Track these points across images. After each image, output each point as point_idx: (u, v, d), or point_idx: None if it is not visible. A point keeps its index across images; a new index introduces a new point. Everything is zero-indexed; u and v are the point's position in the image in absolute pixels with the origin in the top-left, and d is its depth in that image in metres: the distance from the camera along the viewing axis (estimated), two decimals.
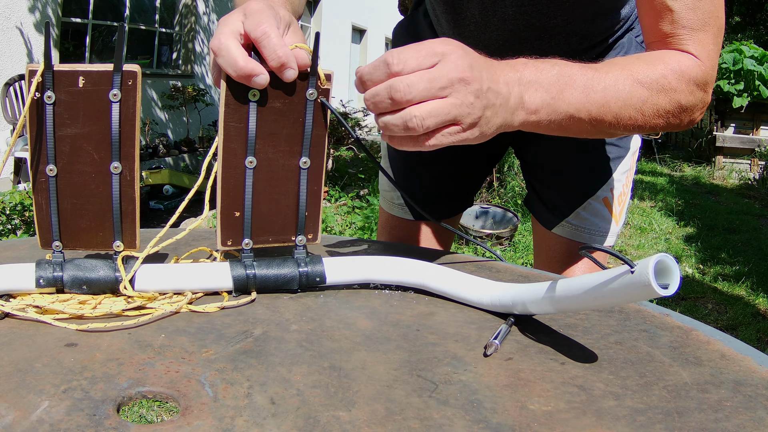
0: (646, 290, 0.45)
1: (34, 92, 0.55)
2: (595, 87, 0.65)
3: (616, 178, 1.05)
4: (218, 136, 0.61)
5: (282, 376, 0.47)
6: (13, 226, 3.67)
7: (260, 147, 0.61)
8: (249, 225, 0.64)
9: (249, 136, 0.61)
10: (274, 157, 0.63)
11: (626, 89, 0.67)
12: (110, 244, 0.61)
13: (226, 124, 0.60)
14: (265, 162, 0.62)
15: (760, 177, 7.09)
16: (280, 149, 0.62)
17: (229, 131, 0.60)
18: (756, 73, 7.38)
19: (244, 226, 0.63)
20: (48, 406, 0.41)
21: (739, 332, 2.89)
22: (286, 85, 0.60)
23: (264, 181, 0.63)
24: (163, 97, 7.30)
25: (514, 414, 0.43)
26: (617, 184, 1.06)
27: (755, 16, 14.81)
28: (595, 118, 0.66)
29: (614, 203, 1.07)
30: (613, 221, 1.07)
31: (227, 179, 0.62)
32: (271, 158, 0.62)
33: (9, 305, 0.56)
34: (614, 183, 1.06)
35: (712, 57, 0.71)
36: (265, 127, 0.61)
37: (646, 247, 4.36)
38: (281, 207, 0.65)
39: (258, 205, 0.63)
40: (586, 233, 1.06)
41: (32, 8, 5.61)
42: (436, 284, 0.65)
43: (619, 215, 1.08)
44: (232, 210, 0.63)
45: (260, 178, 0.63)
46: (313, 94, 0.61)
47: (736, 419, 0.43)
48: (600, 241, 1.06)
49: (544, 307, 0.56)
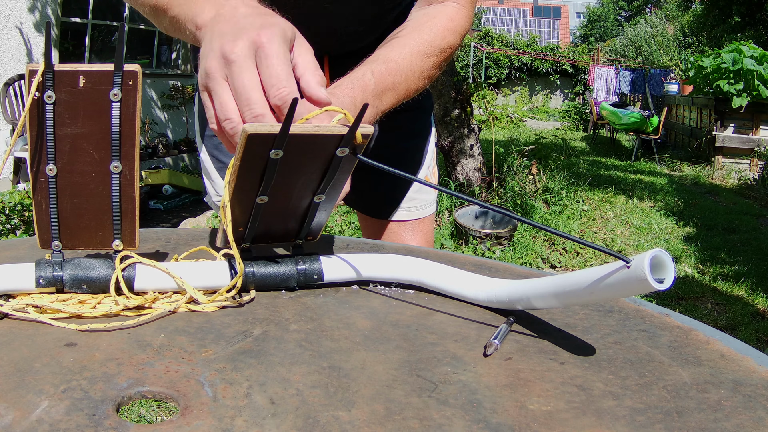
0: (642, 284, 0.45)
1: (34, 92, 0.55)
2: (387, 81, 0.78)
3: (429, 155, 1.22)
4: (227, 190, 0.57)
5: (281, 376, 0.47)
6: (13, 226, 3.67)
7: (276, 187, 0.60)
8: (253, 232, 0.64)
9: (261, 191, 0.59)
10: (287, 194, 0.61)
11: (416, 67, 0.82)
12: (110, 244, 0.61)
13: (240, 179, 0.56)
14: (277, 199, 0.61)
15: (759, 177, 7.09)
16: (294, 191, 0.61)
17: (244, 186, 0.58)
18: (755, 73, 7.38)
19: (246, 234, 0.63)
20: (47, 406, 0.41)
21: (739, 332, 2.89)
22: (314, 148, 0.57)
23: (271, 209, 0.62)
24: (163, 96, 7.31)
25: (513, 414, 0.43)
26: (431, 161, 1.23)
27: (755, 16, 14.81)
28: (393, 102, 0.80)
29: (431, 177, 1.24)
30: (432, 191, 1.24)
31: (235, 211, 0.61)
32: (284, 195, 0.61)
33: (8, 305, 0.56)
34: (430, 161, 1.22)
35: (472, 1, 0.92)
36: (286, 177, 0.58)
37: (645, 247, 4.37)
38: (287, 218, 0.65)
39: (263, 221, 0.63)
40: (416, 209, 1.21)
41: (32, 8, 5.61)
42: (434, 281, 0.66)
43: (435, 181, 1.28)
44: (237, 226, 0.63)
45: (268, 211, 0.62)
46: (345, 151, 0.58)
47: (736, 419, 0.43)
48: (431, 209, 1.24)
49: (542, 302, 0.56)
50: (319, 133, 0.55)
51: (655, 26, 24.94)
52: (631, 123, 9.38)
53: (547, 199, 5.19)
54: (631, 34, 24.83)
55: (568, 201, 5.26)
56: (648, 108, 11.63)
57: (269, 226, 0.64)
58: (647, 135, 9.34)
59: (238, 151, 0.54)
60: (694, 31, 19.38)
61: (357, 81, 0.75)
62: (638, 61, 20.15)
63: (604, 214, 5.30)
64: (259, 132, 0.52)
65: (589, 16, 42.39)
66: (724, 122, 7.84)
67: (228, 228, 0.57)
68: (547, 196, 5.21)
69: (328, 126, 0.56)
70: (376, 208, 1.22)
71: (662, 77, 13.03)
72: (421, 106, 1.16)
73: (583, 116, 14.81)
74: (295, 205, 0.63)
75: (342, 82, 0.75)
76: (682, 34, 23.15)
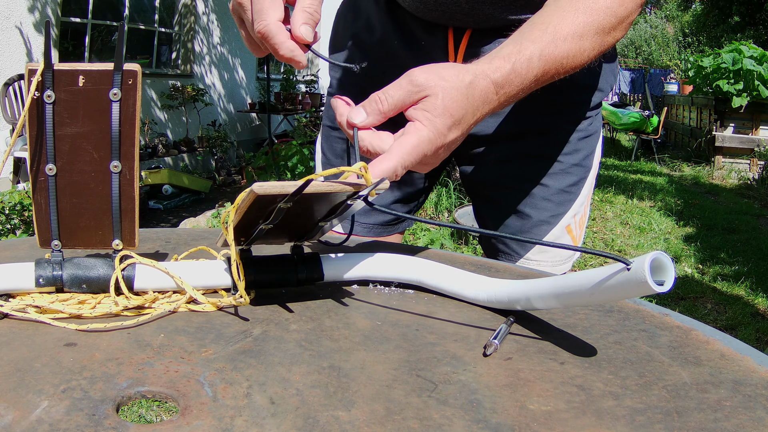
0: (643, 287, 0.45)
1: (33, 91, 0.55)
2: (550, 68, 0.67)
3: (579, 201, 0.98)
4: (233, 211, 0.56)
5: (281, 376, 0.47)
6: (12, 226, 3.67)
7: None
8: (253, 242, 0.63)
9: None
10: (292, 223, 0.61)
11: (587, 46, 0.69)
12: (109, 243, 0.61)
13: (246, 216, 0.56)
14: (282, 226, 0.60)
15: (759, 177, 7.09)
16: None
17: (249, 218, 0.57)
18: (755, 73, 7.39)
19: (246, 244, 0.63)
20: (47, 406, 0.41)
21: (739, 332, 2.89)
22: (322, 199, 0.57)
23: (275, 231, 0.61)
24: (163, 96, 7.30)
25: (513, 414, 0.43)
26: (580, 208, 0.99)
27: (755, 16, 14.82)
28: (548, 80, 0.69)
29: (575, 227, 1.00)
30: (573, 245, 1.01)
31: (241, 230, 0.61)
32: (290, 224, 0.61)
33: (8, 305, 0.56)
34: (578, 207, 0.98)
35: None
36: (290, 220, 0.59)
37: (645, 247, 4.37)
38: (290, 235, 0.65)
39: (266, 237, 0.63)
40: (548, 264, 0.99)
41: (32, 8, 5.61)
42: (434, 281, 0.66)
43: (579, 237, 1.01)
44: (239, 237, 0.62)
45: (272, 232, 0.61)
46: (356, 200, 0.57)
47: (736, 419, 0.43)
48: (559, 269, 1.00)
49: (542, 302, 0.56)
50: (331, 191, 0.54)
51: (655, 26, 24.95)
52: (630, 123, 9.39)
53: None
54: (631, 34, 24.83)
55: None
56: (648, 108, 11.63)
57: (271, 239, 0.65)
58: (647, 135, 9.35)
59: (245, 204, 0.53)
60: (694, 31, 19.38)
61: (520, 68, 0.65)
62: (638, 61, 20.14)
63: (604, 214, 5.30)
64: (268, 193, 0.51)
65: None
66: (723, 122, 7.84)
67: (229, 228, 0.57)
68: None
69: (340, 184, 0.55)
70: (497, 252, 1.01)
71: (662, 77, 13.04)
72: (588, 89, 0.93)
73: None
74: (300, 227, 0.63)
75: (502, 66, 0.65)
76: (682, 34, 23.15)
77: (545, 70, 0.67)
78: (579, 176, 0.97)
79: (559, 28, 0.67)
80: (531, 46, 0.66)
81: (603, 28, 0.69)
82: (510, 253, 1.00)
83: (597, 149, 1.00)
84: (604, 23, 0.69)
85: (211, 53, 8.32)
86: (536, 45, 0.66)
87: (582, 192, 0.98)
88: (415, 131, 0.59)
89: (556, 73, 0.68)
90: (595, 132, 0.99)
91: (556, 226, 0.97)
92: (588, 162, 0.98)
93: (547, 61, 0.66)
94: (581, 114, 0.97)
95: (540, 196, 0.97)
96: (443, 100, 0.60)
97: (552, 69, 0.67)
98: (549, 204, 0.96)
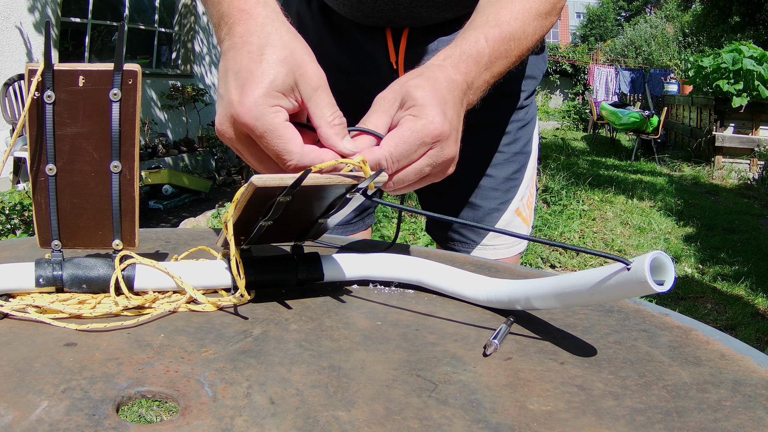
0: (643, 286, 0.45)
1: (33, 91, 0.55)
2: (500, 49, 0.70)
3: (525, 185, 1.02)
4: (233, 208, 0.56)
5: (281, 376, 0.47)
6: (12, 226, 3.67)
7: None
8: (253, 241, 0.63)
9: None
10: (292, 219, 0.62)
11: (529, 29, 0.73)
12: (109, 243, 0.61)
13: (245, 211, 0.56)
14: (282, 222, 0.61)
15: (759, 177, 7.10)
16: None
17: (249, 214, 0.57)
18: (755, 73, 7.39)
19: (246, 242, 0.63)
20: (47, 406, 0.41)
21: (739, 332, 2.90)
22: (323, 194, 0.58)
23: (275, 228, 0.62)
24: (163, 96, 7.31)
25: (513, 414, 0.43)
26: (526, 191, 1.03)
27: (755, 16, 14.82)
28: (502, 71, 0.72)
29: (524, 209, 1.04)
30: (524, 225, 1.05)
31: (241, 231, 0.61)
32: (289, 219, 0.61)
33: (8, 305, 0.56)
34: (524, 191, 1.02)
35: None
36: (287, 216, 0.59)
37: (645, 247, 4.37)
38: (290, 233, 0.65)
39: (265, 235, 0.63)
40: (503, 247, 1.03)
41: (32, 8, 5.61)
42: (434, 281, 0.66)
43: (529, 217, 1.06)
44: (239, 236, 0.62)
45: (272, 229, 0.61)
46: (355, 195, 0.58)
47: (736, 419, 0.43)
48: (515, 249, 1.04)
49: (542, 302, 0.56)
50: (329, 184, 0.55)
51: (654, 26, 24.94)
52: (630, 123, 9.39)
53: (547, 199, 5.20)
54: (630, 34, 24.84)
55: (567, 201, 5.27)
56: (648, 108, 11.64)
57: (271, 238, 0.65)
58: (647, 135, 9.35)
59: (244, 197, 0.53)
60: (694, 31, 19.38)
61: (469, 50, 0.68)
62: (638, 61, 20.15)
63: (604, 214, 5.30)
64: (267, 185, 0.52)
65: (588, 15, 42.39)
66: (723, 122, 7.84)
67: (229, 224, 0.57)
68: (547, 196, 5.21)
69: (339, 177, 0.55)
70: (452, 241, 1.04)
71: (662, 77, 13.04)
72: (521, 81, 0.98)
73: (582, 116, 14.81)
74: (300, 224, 0.63)
75: (452, 53, 0.68)
76: (681, 34, 23.15)
77: (496, 52, 0.69)
78: (521, 163, 1.03)
79: (500, 16, 0.71)
80: (474, 32, 0.69)
81: (540, 13, 0.74)
82: (466, 241, 1.05)
83: (534, 134, 1.06)
84: (540, 8, 0.74)
85: (211, 53, 8.32)
86: (479, 30, 0.70)
87: (525, 176, 1.04)
88: (404, 122, 0.62)
89: (506, 55, 0.71)
90: (531, 119, 1.05)
91: (506, 212, 1.02)
92: (528, 148, 1.04)
93: (493, 42, 0.69)
94: (519, 104, 1.02)
95: (488, 187, 1.02)
96: (422, 98, 0.62)
97: (502, 50, 0.70)
98: (497, 193, 1.02)
